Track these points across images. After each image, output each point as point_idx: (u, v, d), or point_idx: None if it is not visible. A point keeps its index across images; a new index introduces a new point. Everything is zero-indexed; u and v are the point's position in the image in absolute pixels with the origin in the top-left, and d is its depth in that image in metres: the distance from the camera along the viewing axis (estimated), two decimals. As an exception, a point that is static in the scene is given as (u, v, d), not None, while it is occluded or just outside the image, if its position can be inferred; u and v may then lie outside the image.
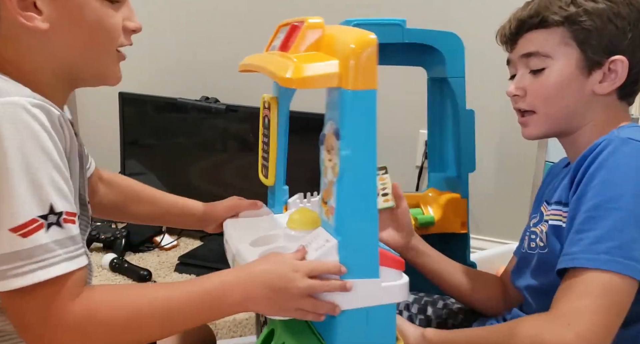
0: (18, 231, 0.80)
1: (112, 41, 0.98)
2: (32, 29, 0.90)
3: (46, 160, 0.82)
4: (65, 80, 0.98)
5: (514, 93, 1.17)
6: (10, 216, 0.80)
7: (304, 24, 1.03)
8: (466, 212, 1.64)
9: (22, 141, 0.79)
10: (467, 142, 1.61)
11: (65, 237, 0.84)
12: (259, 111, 1.31)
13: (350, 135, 0.90)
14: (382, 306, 0.97)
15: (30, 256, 0.80)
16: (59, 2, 0.90)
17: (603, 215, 0.96)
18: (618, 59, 1.08)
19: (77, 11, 0.92)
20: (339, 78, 0.89)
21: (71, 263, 0.84)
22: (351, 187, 0.92)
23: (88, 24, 0.93)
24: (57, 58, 0.94)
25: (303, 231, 1.05)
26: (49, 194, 0.82)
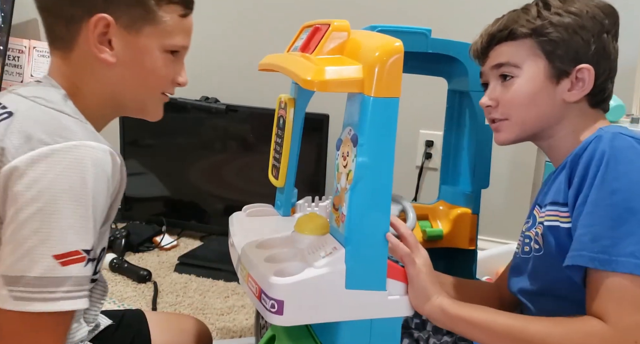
0: (61, 259, 0.88)
1: (159, 86, 1.12)
2: (100, 59, 1.04)
3: (99, 203, 0.92)
4: (113, 107, 1.11)
5: (487, 104, 1.20)
6: (60, 242, 0.88)
7: (329, 26, 1.01)
8: (476, 228, 1.62)
9: (86, 182, 0.90)
10: (483, 157, 1.59)
11: (88, 276, 0.92)
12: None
13: (368, 142, 0.88)
14: (387, 319, 0.95)
15: (61, 284, 0.88)
16: (129, 44, 1.05)
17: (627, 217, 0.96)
18: (584, 68, 1.11)
19: (140, 55, 1.07)
20: (361, 84, 0.87)
21: (83, 301, 0.92)
22: (365, 196, 0.90)
23: (146, 67, 1.08)
24: (112, 88, 1.08)
25: (311, 236, 1.04)
26: (93, 234, 0.92)
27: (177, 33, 1.09)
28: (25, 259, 0.87)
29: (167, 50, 1.09)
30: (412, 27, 1.42)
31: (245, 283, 1.05)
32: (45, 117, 0.97)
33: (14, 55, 2.92)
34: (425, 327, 1.36)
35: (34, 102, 1.00)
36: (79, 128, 0.96)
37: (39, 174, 0.88)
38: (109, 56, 1.04)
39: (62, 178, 0.89)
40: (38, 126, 0.94)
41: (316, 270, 0.92)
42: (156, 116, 1.16)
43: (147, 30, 1.06)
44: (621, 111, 1.80)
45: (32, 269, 0.87)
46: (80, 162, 0.90)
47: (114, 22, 1.03)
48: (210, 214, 2.68)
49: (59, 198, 0.88)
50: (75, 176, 0.89)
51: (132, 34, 1.05)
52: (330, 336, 0.98)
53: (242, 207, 1.39)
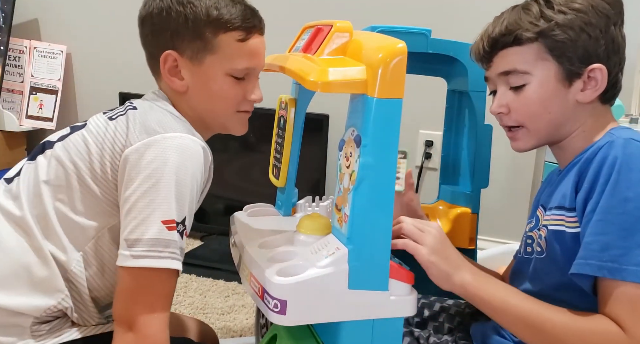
0: (167, 224, 1.03)
1: (230, 106, 1.23)
2: (174, 89, 1.21)
3: (194, 185, 1.07)
4: (200, 126, 1.21)
5: (498, 111, 1.16)
6: (166, 210, 1.03)
7: (331, 27, 1.02)
8: (475, 228, 1.62)
9: (185, 164, 1.05)
10: (482, 157, 1.59)
11: (182, 247, 1.06)
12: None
13: (372, 143, 0.88)
14: (389, 320, 0.95)
15: (168, 246, 1.03)
16: (195, 74, 1.19)
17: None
18: (596, 68, 1.08)
19: (206, 83, 1.20)
20: (365, 85, 0.87)
21: (180, 263, 1.05)
22: (368, 197, 0.90)
23: (213, 93, 1.20)
24: (193, 111, 1.22)
25: (313, 236, 1.04)
26: (186, 209, 1.06)
27: (238, 57, 1.19)
28: (142, 224, 1.03)
29: (230, 74, 1.20)
30: (412, 27, 1.42)
31: (248, 282, 1.05)
32: (160, 114, 1.14)
33: (15, 56, 2.91)
34: (426, 326, 1.36)
35: (152, 103, 1.19)
36: (182, 126, 1.13)
37: (153, 156, 1.05)
38: (179, 86, 1.20)
39: (171, 160, 1.04)
40: (154, 119, 1.11)
41: (319, 270, 0.92)
42: (240, 131, 1.29)
43: (208, 59, 1.18)
44: (620, 111, 1.80)
45: (146, 232, 1.02)
46: (184, 149, 1.06)
47: (179, 56, 1.18)
48: (210, 214, 2.68)
49: (167, 176, 1.03)
50: (180, 159, 1.05)
51: (195, 64, 1.18)
52: (332, 336, 0.98)
53: (243, 207, 1.40)
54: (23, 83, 2.92)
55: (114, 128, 1.12)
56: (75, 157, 1.11)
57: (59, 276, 1.10)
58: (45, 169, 1.13)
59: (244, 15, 1.19)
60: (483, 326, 1.24)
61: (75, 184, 1.11)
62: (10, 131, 2.89)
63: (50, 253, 1.09)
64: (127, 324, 1.04)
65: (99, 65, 2.97)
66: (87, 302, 1.14)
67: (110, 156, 1.09)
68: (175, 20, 1.16)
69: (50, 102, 2.93)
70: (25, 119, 2.92)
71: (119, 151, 1.09)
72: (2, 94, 2.90)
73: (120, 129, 1.11)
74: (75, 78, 3.04)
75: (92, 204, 1.11)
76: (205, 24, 1.16)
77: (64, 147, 1.14)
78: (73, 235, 1.11)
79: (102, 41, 2.94)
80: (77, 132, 1.16)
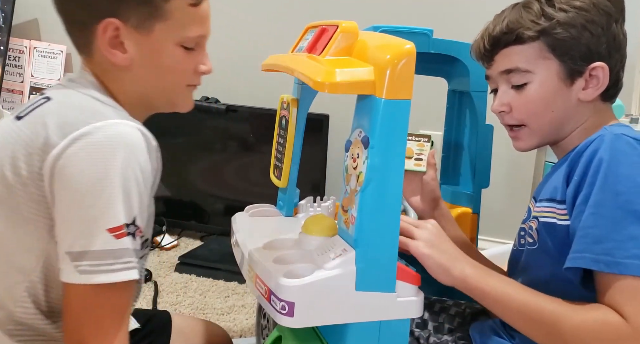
0: (114, 232, 0.91)
1: (181, 80, 1.12)
2: (115, 63, 1.04)
3: (141, 179, 0.94)
4: (142, 107, 1.11)
5: (500, 110, 1.17)
6: (111, 216, 0.91)
7: (337, 27, 1.01)
8: (476, 228, 1.62)
9: (126, 156, 0.92)
10: (483, 157, 1.59)
11: (135, 249, 0.95)
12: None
13: (380, 144, 0.88)
14: (396, 321, 0.95)
15: (120, 256, 0.92)
16: (142, 45, 1.04)
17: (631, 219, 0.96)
18: (598, 66, 1.09)
19: (156, 55, 1.06)
20: (373, 86, 0.87)
21: (136, 272, 0.94)
22: (375, 198, 0.90)
23: (163, 65, 1.07)
24: (136, 89, 1.08)
25: (319, 238, 1.04)
26: (135, 208, 0.94)
27: (191, 24, 1.07)
28: (85, 235, 0.91)
29: (181, 44, 1.07)
30: (414, 27, 1.42)
31: (253, 284, 1.05)
32: (83, 102, 1.00)
33: (15, 56, 2.91)
34: (426, 326, 1.36)
35: (70, 90, 1.04)
36: (111, 111, 0.98)
37: (85, 153, 0.91)
38: (122, 59, 1.04)
39: (105, 154, 0.91)
40: (75, 108, 0.98)
41: (327, 272, 0.92)
42: (187, 107, 1.17)
43: (157, 27, 1.04)
44: (620, 111, 1.81)
45: (92, 243, 0.90)
46: (120, 139, 0.93)
47: (122, 25, 1.01)
48: (210, 214, 2.68)
49: (106, 174, 0.91)
50: (118, 152, 0.92)
51: (143, 33, 1.03)
52: (338, 338, 0.98)
53: (242, 207, 1.39)
54: (23, 83, 2.92)
55: (27, 130, 0.96)
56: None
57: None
58: None
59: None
60: (482, 327, 1.24)
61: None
62: (9, 131, 2.88)
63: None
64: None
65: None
66: (51, 332, 1.02)
67: (27, 164, 0.94)
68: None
69: (49, 102, 2.92)
70: (24, 119, 2.92)
71: (37, 157, 0.93)
72: (2, 94, 2.89)
73: (34, 129, 0.95)
74: (75, 78, 3.03)
75: (23, 227, 0.97)
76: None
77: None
78: (8, 273, 0.98)
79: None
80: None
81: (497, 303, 1.02)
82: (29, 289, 0.99)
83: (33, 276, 0.98)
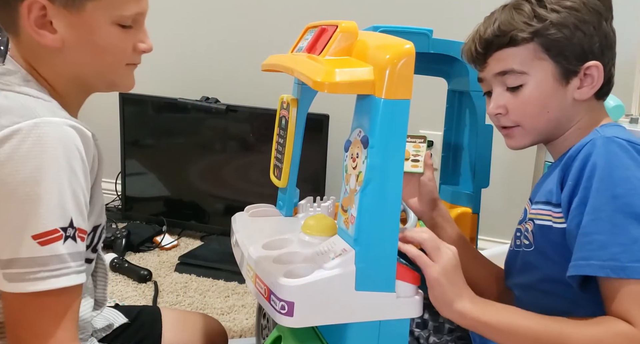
0: (39, 238, 0.87)
1: (120, 60, 1.04)
2: (45, 45, 0.97)
3: (73, 178, 0.89)
4: (79, 88, 1.05)
5: (496, 112, 1.16)
6: (35, 223, 0.87)
7: (336, 27, 1.01)
8: (476, 228, 1.62)
9: (55, 158, 0.87)
10: (483, 157, 1.60)
11: (76, 252, 0.91)
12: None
13: (379, 144, 0.88)
14: (395, 321, 0.95)
15: (46, 264, 0.87)
16: (73, 25, 0.97)
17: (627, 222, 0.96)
18: (592, 65, 1.09)
19: (89, 34, 0.98)
20: (372, 86, 0.87)
21: (78, 276, 0.91)
22: (375, 198, 0.90)
23: (98, 45, 1.00)
24: (70, 70, 1.01)
25: (318, 238, 1.04)
26: (70, 209, 0.89)
27: (126, 1, 1.00)
28: (11, 242, 0.88)
29: (117, 23, 1.01)
30: (413, 27, 1.43)
31: (253, 283, 1.05)
32: (3, 99, 0.94)
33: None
34: (426, 326, 1.36)
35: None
36: (39, 105, 0.93)
37: (5, 157, 0.87)
38: (52, 40, 0.97)
39: (30, 158, 0.86)
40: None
41: (327, 272, 0.92)
42: (128, 87, 1.10)
43: (89, 5, 0.97)
44: (620, 111, 1.80)
45: (19, 251, 0.87)
46: (46, 139, 0.88)
47: (49, 4, 0.95)
48: (210, 214, 2.69)
49: (29, 178, 0.86)
50: (42, 153, 0.87)
51: (73, 12, 0.96)
52: (337, 338, 0.98)
53: (242, 207, 1.39)
54: None
55: None
56: None
57: None
58: None
59: None
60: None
61: None
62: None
63: None
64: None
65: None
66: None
67: None
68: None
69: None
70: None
71: None
72: (1, 94, 2.88)
73: None
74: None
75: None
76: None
77: None
78: None
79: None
80: None
81: (504, 333, 1.00)
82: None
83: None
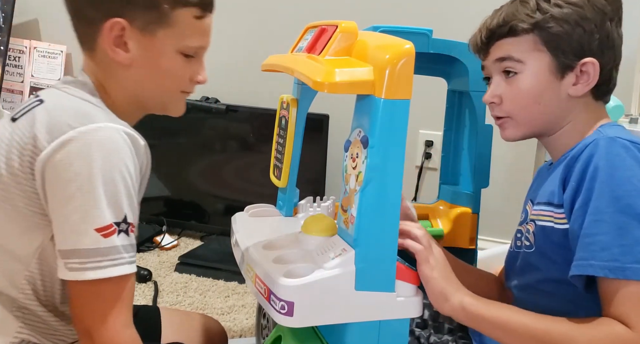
0: (101, 232, 0.96)
1: (177, 86, 1.16)
2: (116, 61, 1.08)
3: (128, 178, 0.99)
4: (136, 106, 1.15)
5: (491, 100, 1.18)
6: (97, 217, 0.96)
7: (336, 27, 1.01)
8: (476, 227, 1.62)
9: (110, 159, 0.97)
10: (483, 157, 1.59)
11: (129, 244, 1.00)
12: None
13: (379, 144, 0.88)
14: (395, 321, 0.95)
15: (106, 254, 0.97)
16: (144, 46, 1.08)
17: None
18: (589, 62, 1.10)
19: (156, 57, 1.10)
20: (372, 86, 0.87)
21: (131, 266, 1.00)
22: (375, 198, 0.90)
23: (161, 68, 1.11)
24: (132, 88, 1.12)
25: (319, 237, 1.04)
26: (124, 207, 0.98)
27: (192, 35, 1.11)
28: (73, 234, 0.96)
29: (182, 52, 1.11)
30: (413, 27, 1.42)
31: (253, 283, 1.05)
32: (70, 104, 1.04)
33: (15, 56, 2.91)
34: (426, 326, 1.36)
35: (63, 92, 1.08)
36: (100, 113, 1.03)
37: (70, 156, 0.96)
38: (124, 58, 1.08)
39: (92, 158, 0.96)
40: (64, 112, 1.01)
41: (326, 271, 0.92)
42: (178, 112, 1.20)
43: (161, 32, 1.08)
44: (620, 112, 1.80)
45: (79, 242, 0.96)
46: (106, 142, 0.97)
47: (128, 26, 1.06)
48: (210, 214, 2.68)
49: (92, 178, 0.95)
50: (103, 155, 0.96)
51: (146, 36, 1.08)
52: (337, 338, 0.98)
53: (242, 207, 1.39)
54: (23, 83, 2.92)
55: (20, 132, 1.01)
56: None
57: (3, 311, 1.04)
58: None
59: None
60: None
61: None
62: (9, 131, 2.88)
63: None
64: (86, 334, 1.01)
65: (97, 65, 2.96)
66: (50, 322, 1.08)
67: (19, 163, 1.00)
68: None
69: (49, 102, 2.92)
70: (24, 119, 2.91)
71: (29, 157, 0.99)
72: (2, 94, 2.89)
73: (26, 131, 1.00)
74: (75, 78, 3.03)
75: (21, 222, 1.02)
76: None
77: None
78: (9, 261, 1.04)
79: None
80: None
81: (500, 329, 1.01)
82: (29, 279, 1.04)
83: (31, 267, 1.04)
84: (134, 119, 1.16)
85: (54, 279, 1.05)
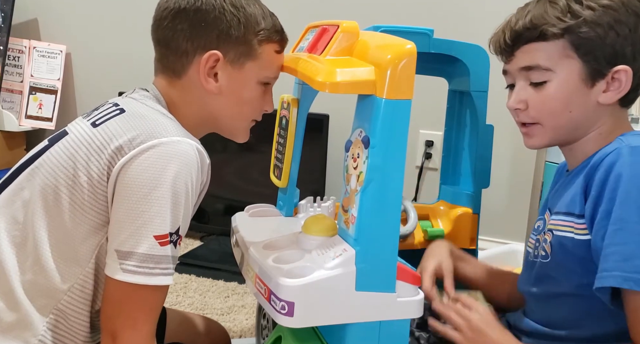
0: (159, 239, 1.00)
1: (253, 113, 1.24)
2: (206, 90, 1.17)
3: (190, 193, 1.04)
4: (206, 127, 1.23)
5: (516, 107, 1.13)
6: (157, 224, 1.00)
7: (338, 27, 1.01)
8: (476, 228, 1.62)
9: (182, 172, 1.02)
10: (483, 157, 1.59)
11: (175, 256, 1.04)
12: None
13: (380, 144, 0.88)
14: (396, 321, 0.95)
15: (160, 262, 1.01)
16: (232, 77, 1.17)
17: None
18: (622, 69, 1.05)
19: (240, 87, 1.19)
20: (373, 86, 0.87)
21: (172, 278, 1.04)
22: (376, 198, 0.90)
23: (243, 97, 1.20)
24: (211, 113, 1.20)
25: (319, 238, 1.03)
26: (180, 219, 1.03)
27: (272, 67, 1.21)
28: (134, 237, 1.00)
29: (262, 82, 1.21)
30: (414, 27, 1.42)
31: (253, 283, 1.05)
32: (151, 116, 1.09)
33: (14, 56, 2.90)
34: (426, 326, 1.36)
35: (142, 104, 1.14)
36: (177, 129, 1.08)
37: (148, 164, 1.01)
38: (214, 87, 1.17)
39: (167, 169, 1.01)
40: (145, 122, 1.06)
41: (327, 272, 0.92)
42: (243, 139, 1.28)
43: (248, 65, 1.18)
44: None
45: (138, 246, 0.99)
46: (181, 155, 1.03)
47: (222, 58, 1.15)
48: (210, 214, 2.68)
49: (162, 186, 1.00)
50: (177, 167, 1.01)
51: (235, 68, 1.17)
52: (337, 338, 0.98)
53: (243, 207, 1.39)
54: (22, 83, 2.91)
55: (101, 137, 1.06)
56: (59, 172, 1.05)
57: (33, 314, 1.05)
58: (28, 191, 1.07)
59: (281, 29, 1.22)
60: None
61: (62, 202, 1.05)
62: (9, 131, 2.88)
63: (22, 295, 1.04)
64: (111, 334, 1.03)
65: (98, 65, 2.96)
66: (77, 329, 1.09)
67: (98, 167, 1.04)
68: (228, 22, 1.15)
69: (49, 102, 2.92)
70: (25, 119, 2.91)
71: (107, 162, 1.03)
72: (2, 94, 2.88)
73: (108, 136, 1.05)
74: (75, 78, 3.03)
75: (84, 221, 1.05)
76: (254, 31, 1.16)
77: (45, 163, 1.08)
78: (67, 259, 1.06)
79: (102, 41, 2.93)
80: (58, 144, 1.10)
81: None
82: (82, 281, 1.07)
83: (87, 268, 1.07)
84: (198, 137, 1.19)
85: (103, 280, 1.07)
